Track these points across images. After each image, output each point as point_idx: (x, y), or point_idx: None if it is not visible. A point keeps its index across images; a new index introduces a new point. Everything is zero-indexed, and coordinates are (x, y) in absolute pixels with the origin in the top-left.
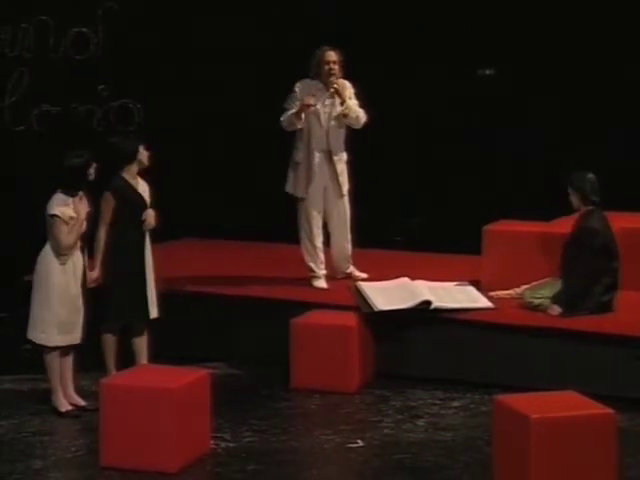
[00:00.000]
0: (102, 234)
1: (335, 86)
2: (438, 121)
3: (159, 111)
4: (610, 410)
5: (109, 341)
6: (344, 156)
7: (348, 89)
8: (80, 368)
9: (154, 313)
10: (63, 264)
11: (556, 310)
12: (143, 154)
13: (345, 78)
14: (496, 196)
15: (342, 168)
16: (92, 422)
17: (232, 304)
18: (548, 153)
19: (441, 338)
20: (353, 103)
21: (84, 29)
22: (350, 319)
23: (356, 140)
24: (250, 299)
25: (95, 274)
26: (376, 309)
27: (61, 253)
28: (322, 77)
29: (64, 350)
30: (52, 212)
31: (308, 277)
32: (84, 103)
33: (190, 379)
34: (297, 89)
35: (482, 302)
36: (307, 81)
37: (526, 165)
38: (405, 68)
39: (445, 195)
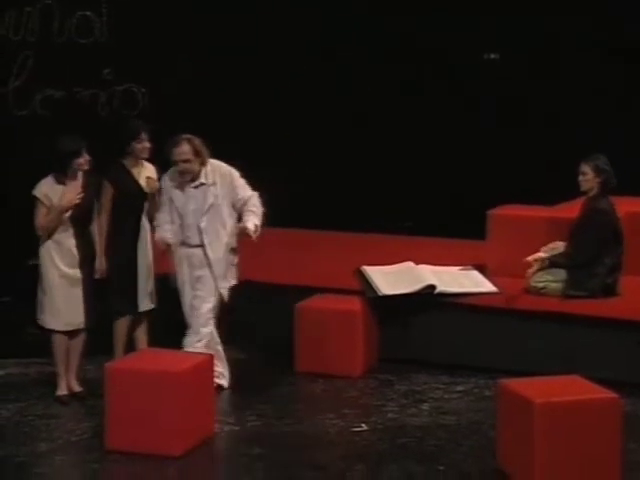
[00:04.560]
0: (103, 222)
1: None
2: (444, 105)
3: (163, 95)
4: (614, 394)
5: (118, 327)
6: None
7: (234, 178)
8: (90, 353)
9: (145, 306)
10: (55, 248)
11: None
12: (137, 146)
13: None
14: (500, 180)
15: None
16: (97, 406)
17: (236, 289)
18: (551, 137)
19: (445, 322)
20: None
21: (88, 13)
22: (354, 303)
23: (363, 124)
24: (254, 284)
25: (101, 263)
26: (380, 293)
27: (38, 234)
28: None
29: (69, 335)
30: (33, 193)
31: None
32: (88, 87)
33: (194, 363)
34: (163, 184)
35: (486, 286)
36: (169, 174)
37: (529, 149)
38: None
39: (448, 179)
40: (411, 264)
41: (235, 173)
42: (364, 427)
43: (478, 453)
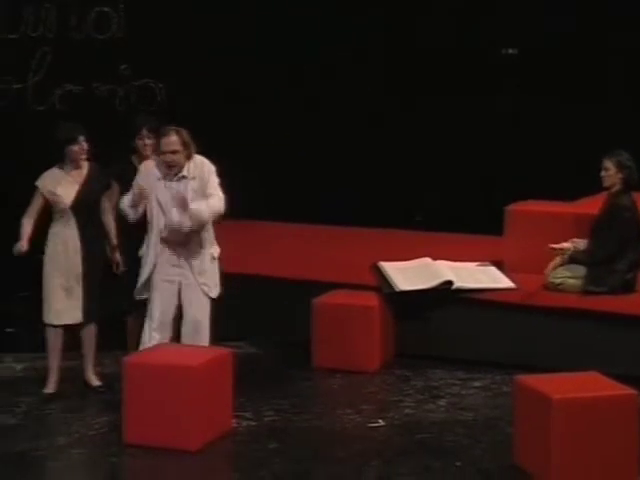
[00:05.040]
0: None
1: (177, 202)
2: (460, 101)
3: (180, 91)
4: (633, 391)
5: (130, 324)
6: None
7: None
8: (106, 347)
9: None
10: (54, 239)
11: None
12: (138, 142)
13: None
14: (518, 175)
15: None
16: (115, 400)
17: (254, 284)
18: (570, 132)
19: (462, 318)
20: (208, 192)
21: (106, 9)
22: (371, 299)
23: (379, 119)
24: (272, 279)
25: (114, 258)
26: (397, 289)
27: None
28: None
29: (66, 330)
30: (36, 183)
31: None
32: (106, 83)
33: (212, 357)
34: (140, 177)
35: (504, 282)
36: (149, 163)
37: (548, 144)
38: None
39: (466, 174)
40: (428, 260)
41: (213, 170)
42: (381, 422)
43: (496, 449)
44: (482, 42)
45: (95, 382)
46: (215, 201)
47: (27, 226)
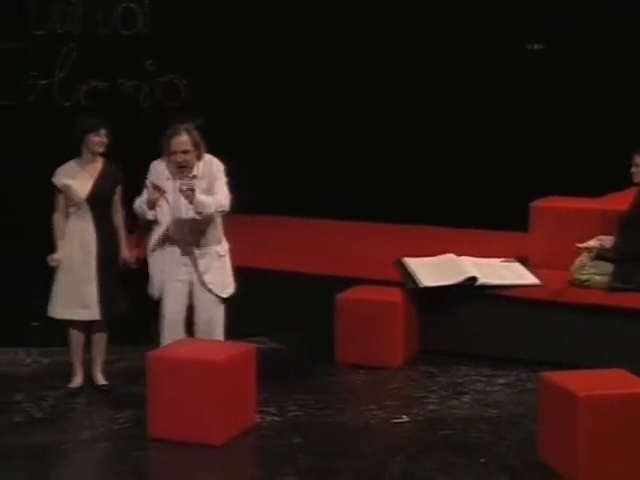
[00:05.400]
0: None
1: (184, 187)
2: (484, 98)
3: (204, 87)
4: None
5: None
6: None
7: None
8: (131, 342)
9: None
10: (70, 234)
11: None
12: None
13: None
14: (544, 171)
15: (207, 265)
16: (138, 394)
17: (278, 279)
18: (597, 128)
19: (487, 314)
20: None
21: (132, 5)
22: (395, 295)
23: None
24: (295, 274)
25: (130, 253)
26: (421, 285)
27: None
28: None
29: (85, 326)
30: (52, 179)
31: None
32: (131, 79)
33: (236, 353)
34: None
35: (529, 279)
36: (159, 164)
37: (575, 140)
38: None
39: (491, 170)
40: (452, 256)
41: (222, 169)
42: (405, 418)
43: (520, 446)
44: (505, 37)
45: (101, 381)
46: (221, 197)
47: (59, 225)
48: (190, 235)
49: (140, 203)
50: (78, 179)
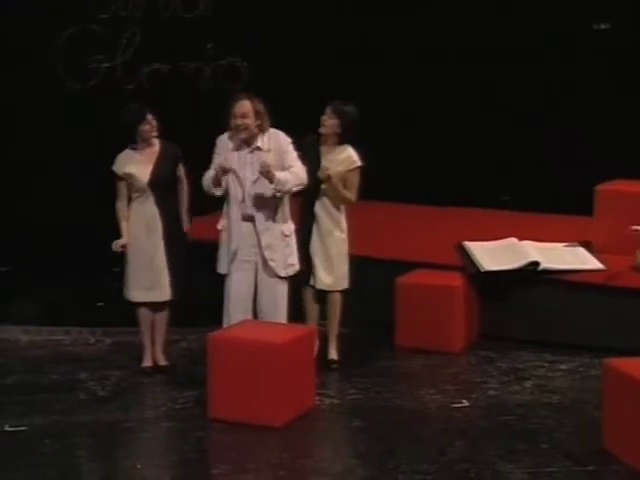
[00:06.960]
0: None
1: (262, 170)
2: (551, 81)
3: (265, 69)
4: None
5: (305, 293)
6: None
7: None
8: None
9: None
10: (135, 217)
11: None
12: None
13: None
14: (609, 154)
15: (269, 242)
16: (198, 375)
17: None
18: None
19: (549, 300)
20: (288, 165)
21: None
22: (455, 279)
23: (465, 94)
24: (355, 258)
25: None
26: (483, 269)
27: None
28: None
29: (154, 308)
30: (112, 168)
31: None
32: (193, 61)
33: (297, 335)
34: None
35: (592, 264)
36: (224, 137)
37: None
38: None
39: (556, 153)
40: (514, 240)
41: (289, 142)
42: (465, 403)
43: (582, 433)
44: (574, 18)
45: (162, 361)
46: (298, 170)
47: (123, 212)
48: (257, 212)
49: (207, 181)
50: (138, 165)
